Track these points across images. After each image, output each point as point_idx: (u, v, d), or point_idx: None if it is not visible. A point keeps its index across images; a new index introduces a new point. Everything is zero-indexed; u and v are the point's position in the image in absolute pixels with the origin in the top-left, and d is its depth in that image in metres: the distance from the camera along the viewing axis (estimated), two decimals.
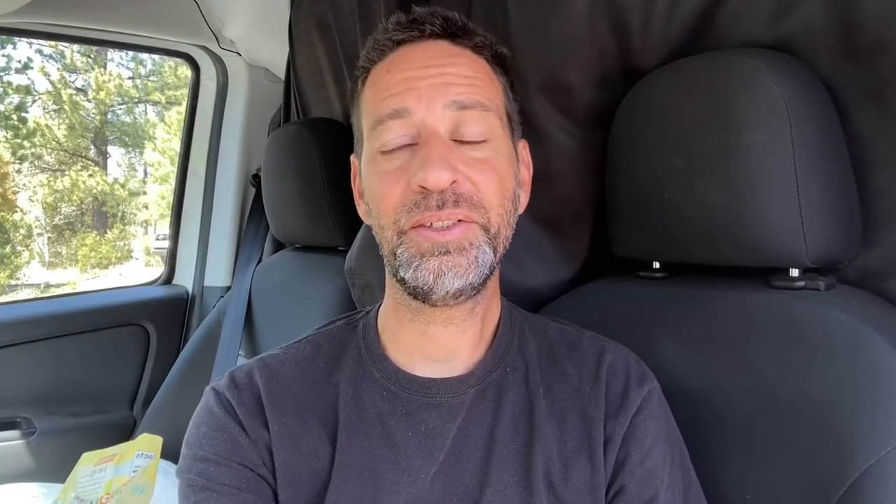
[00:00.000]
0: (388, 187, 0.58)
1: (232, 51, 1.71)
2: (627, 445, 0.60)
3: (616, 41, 0.87)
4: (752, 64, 0.69)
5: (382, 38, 0.62)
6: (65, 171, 10.99)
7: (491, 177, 0.58)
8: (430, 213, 0.55)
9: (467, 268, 0.56)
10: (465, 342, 0.63)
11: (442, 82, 0.58)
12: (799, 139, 0.65)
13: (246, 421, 0.60)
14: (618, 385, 0.63)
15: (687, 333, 0.74)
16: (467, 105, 0.58)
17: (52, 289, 10.09)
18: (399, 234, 0.57)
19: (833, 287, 0.70)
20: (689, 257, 0.78)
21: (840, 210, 0.69)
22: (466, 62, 0.61)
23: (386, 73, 0.61)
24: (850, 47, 0.71)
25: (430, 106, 0.57)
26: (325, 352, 0.66)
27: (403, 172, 0.57)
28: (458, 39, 0.62)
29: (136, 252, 11.71)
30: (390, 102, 0.58)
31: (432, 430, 0.60)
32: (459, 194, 0.56)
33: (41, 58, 10.44)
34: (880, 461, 0.54)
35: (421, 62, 0.59)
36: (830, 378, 0.60)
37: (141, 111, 12.20)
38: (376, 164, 0.59)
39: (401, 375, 0.62)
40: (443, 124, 0.57)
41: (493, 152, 0.59)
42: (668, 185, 0.75)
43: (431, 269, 0.55)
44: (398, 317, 0.63)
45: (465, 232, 0.56)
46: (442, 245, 0.55)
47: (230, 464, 0.58)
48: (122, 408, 1.68)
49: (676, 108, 0.75)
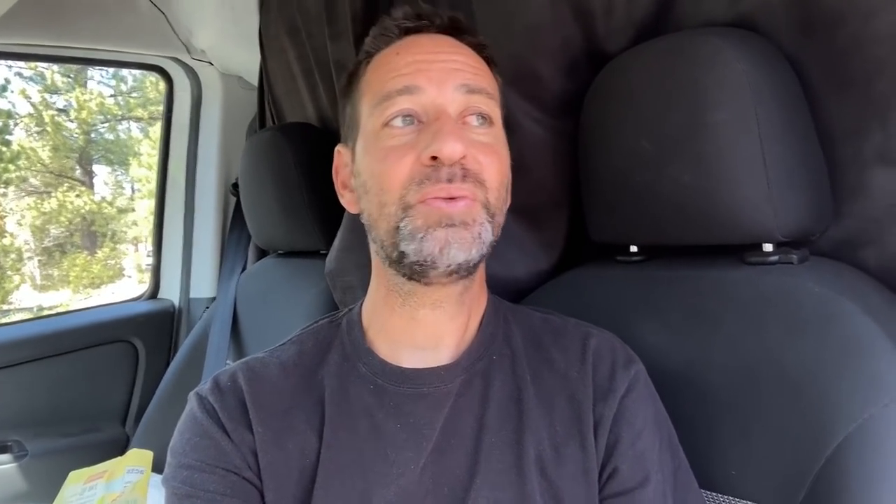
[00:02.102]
0: (394, 161, 0.57)
1: (204, 60, 1.70)
2: (618, 427, 0.60)
3: (580, 27, 0.87)
4: (714, 42, 0.69)
5: (390, 26, 0.64)
6: (51, 192, 10.91)
7: (494, 160, 0.59)
8: (440, 186, 0.55)
9: (471, 242, 0.56)
10: (452, 329, 0.63)
11: (452, 67, 0.60)
12: (763, 115, 0.66)
13: (229, 425, 0.60)
14: (604, 369, 0.63)
15: (666, 314, 0.74)
16: (475, 89, 0.59)
17: (45, 311, 10.01)
18: (404, 208, 0.57)
19: (806, 260, 0.70)
20: (664, 239, 0.78)
21: (808, 183, 0.69)
22: (471, 55, 0.63)
23: (395, 55, 0.62)
24: (809, 21, 0.71)
25: (441, 86, 0.58)
26: (309, 350, 0.66)
27: (412, 147, 0.57)
28: (462, 36, 0.65)
29: (128, 269, 11.64)
30: (400, 80, 0.59)
31: (420, 421, 0.60)
32: (467, 170, 0.56)
33: (21, 80, 10.37)
34: (859, 428, 0.54)
35: (430, 48, 0.61)
36: (806, 350, 0.61)
37: (125, 128, 12.13)
38: (379, 139, 0.59)
39: (387, 368, 0.62)
40: (452, 105, 0.58)
41: (495, 138, 0.61)
42: (639, 169, 0.75)
43: (438, 239, 0.55)
44: (388, 304, 0.63)
45: (470, 207, 0.56)
46: (448, 216, 0.55)
47: (214, 469, 0.58)
48: (113, 425, 1.67)
49: (643, 91, 0.75)
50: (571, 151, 0.90)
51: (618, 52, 0.84)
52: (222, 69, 1.72)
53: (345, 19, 1.15)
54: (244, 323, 1.43)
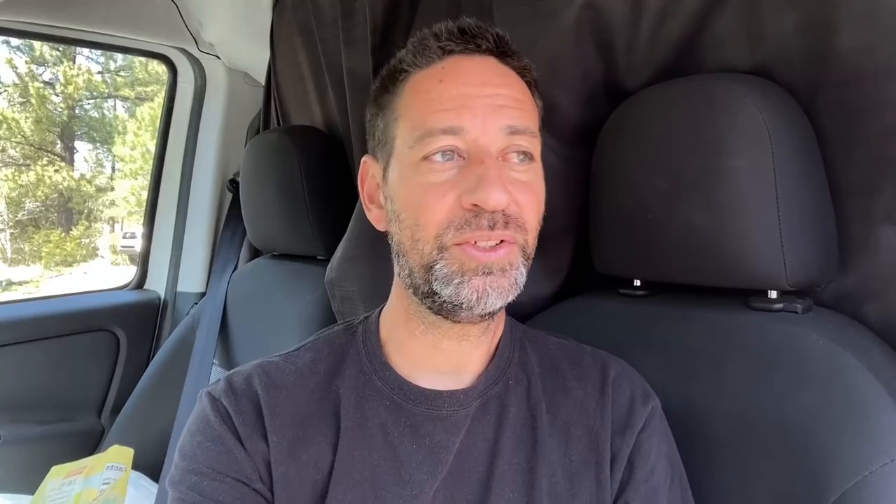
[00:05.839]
0: (433, 200, 0.56)
1: (211, 54, 1.69)
2: (632, 463, 0.61)
3: (601, 61, 0.88)
4: (735, 89, 0.70)
5: (433, 45, 0.60)
6: (30, 165, 10.71)
7: (532, 199, 0.58)
8: (480, 233, 0.54)
9: (509, 289, 0.56)
10: (476, 357, 0.63)
11: (497, 104, 0.57)
12: (780, 164, 0.67)
13: (243, 431, 0.58)
14: (623, 401, 0.63)
15: (667, 352, 0.75)
16: (519, 130, 0.58)
17: (13, 286, 9.80)
18: (440, 249, 0.56)
19: (810, 310, 0.71)
20: (670, 276, 0.79)
21: (819, 234, 0.71)
22: (515, 84, 0.61)
23: (438, 82, 0.58)
24: (826, 77, 0.73)
25: (486, 126, 0.56)
26: (324, 358, 0.65)
27: (452, 187, 0.55)
28: (507, 59, 0.62)
29: (103, 250, 11.45)
30: (444, 118, 0.56)
31: (437, 444, 0.59)
32: (508, 215, 0.56)
33: (8, 49, 10.17)
34: (857, 485, 0.55)
35: (476, 78, 0.58)
36: (808, 402, 0.62)
37: (110, 106, 11.95)
38: (419, 173, 0.57)
39: (405, 386, 0.61)
40: (494, 145, 0.57)
41: (534, 175, 0.60)
42: (651, 206, 0.76)
43: (476, 287, 0.54)
44: (409, 328, 0.62)
45: (508, 254, 0.56)
46: (486, 265, 0.55)
47: (224, 479, 0.57)
48: (89, 416, 1.63)
49: (661, 130, 0.76)
50: (583, 181, 0.90)
51: (636, 88, 0.85)
52: (229, 64, 1.71)
53: (363, 28, 1.14)
54: (233, 323, 1.41)
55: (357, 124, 1.20)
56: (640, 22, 0.84)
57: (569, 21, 0.85)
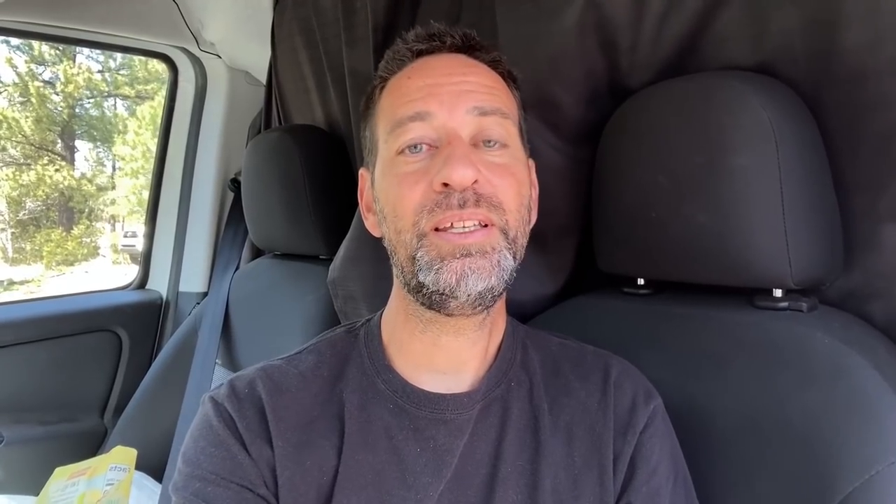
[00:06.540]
0: (407, 188, 0.57)
1: (212, 53, 1.68)
2: (634, 463, 0.60)
3: (604, 59, 0.88)
4: (739, 87, 0.70)
5: (402, 49, 0.63)
6: (30, 164, 10.71)
7: (510, 181, 0.58)
8: (451, 213, 0.55)
9: (490, 270, 0.55)
10: (474, 354, 0.63)
11: (463, 89, 0.59)
12: (785, 163, 0.67)
13: (247, 437, 0.58)
14: (625, 401, 0.63)
15: (672, 351, 0.75)
16: (488, 111, 0.59)
17: (15, 285, 9.81)
18: (419, 236, 0.56)
19: (815, 308, 0.71)
20: (673, 275, 0.79)
21: (824, 232, 0.70)
22: (484, 73, 0.62)
23: (406, 79, 0.61)
24: (831, 74, 0.73)
25: (453, 110, 0.58)
26: (327, 361, 0.65)
27: (424, 174, 0.57)
28: (476, 53, 0.64)
29: (104, 249, 11.45)
30: (412, 106, 0.58)
31: (441, 447, 0.59)
32: (480, 194, 0.56)
33: (8, 49, 10.17)
34: (864, 485, 0.55)
35: (442, 70, 0.60)
36: (814, 401, 0.61)
37: (110, 105, 11.96)
38: (394, 166, 0.59)
39: (408, 389, 0.61)
40: (464, 129, 0.58)
41: (511, 158, 0.60)
42: (655, 204, 0.76)
43: (454, 269, 0.54)
44: (408, 328, 0.62)
45: (487, 236, 0.56)
46: (463, 247, 0.55)
47: (229, 484, 0.56)
48: (92, 416, 1.63)
49: (664, 128, 0.75)
50: (584, 179, 0.90)
51: (640, 86, 0.85)
52: (230, 63, 1.70)
53: (364, 27, 1.14)
54: (236, 323, 1.41)
55: (358, 123, 1.20)
56: (644, 20, 0.83)
57: (572, 19, 0.85)
